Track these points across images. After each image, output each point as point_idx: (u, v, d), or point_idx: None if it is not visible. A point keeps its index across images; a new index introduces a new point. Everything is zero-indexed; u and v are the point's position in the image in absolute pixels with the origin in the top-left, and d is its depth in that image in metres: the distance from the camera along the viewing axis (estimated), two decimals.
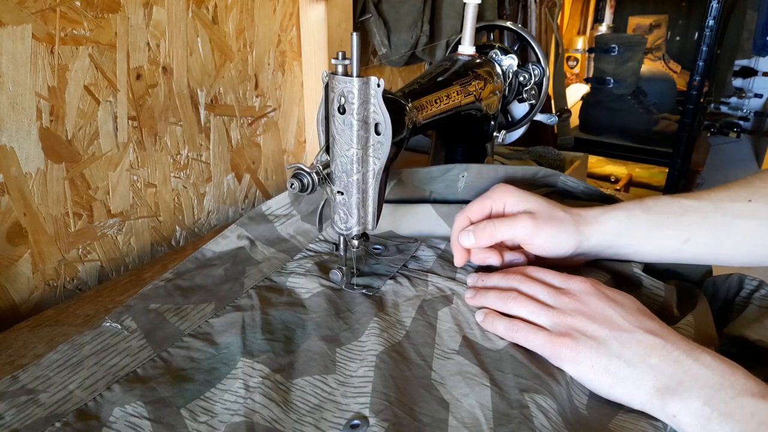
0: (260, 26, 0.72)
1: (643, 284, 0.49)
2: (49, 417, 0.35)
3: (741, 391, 0.33)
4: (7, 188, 0.49)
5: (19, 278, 0.52)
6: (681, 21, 2.30)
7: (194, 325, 0.44)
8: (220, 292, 0.48)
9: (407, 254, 0.54)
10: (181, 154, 0.65)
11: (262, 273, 0.51)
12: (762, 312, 0.45)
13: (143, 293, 0.47)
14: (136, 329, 0.43)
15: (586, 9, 2.32)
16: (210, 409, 0.36)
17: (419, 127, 0.51)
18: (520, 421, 0.35)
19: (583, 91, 2.00)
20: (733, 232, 0.46)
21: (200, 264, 0.53)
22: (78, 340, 0.41)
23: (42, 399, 0.36)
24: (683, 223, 0.46)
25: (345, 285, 0.49)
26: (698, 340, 0.42)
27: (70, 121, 0.52)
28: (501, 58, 0.66)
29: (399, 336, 0.43)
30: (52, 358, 0.40)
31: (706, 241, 0.46)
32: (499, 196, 0.49)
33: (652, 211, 0.47)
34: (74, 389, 0.37)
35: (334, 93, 0.41)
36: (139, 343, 0.42)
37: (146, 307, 0.45)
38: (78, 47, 0.51)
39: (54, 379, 0.38)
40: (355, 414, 0.36)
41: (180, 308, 0.46)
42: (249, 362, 0.39)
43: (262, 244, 0.56)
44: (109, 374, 0.38)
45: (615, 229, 0.47)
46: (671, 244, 0.47)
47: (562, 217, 0.47)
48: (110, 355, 0.40)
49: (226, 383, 0.38)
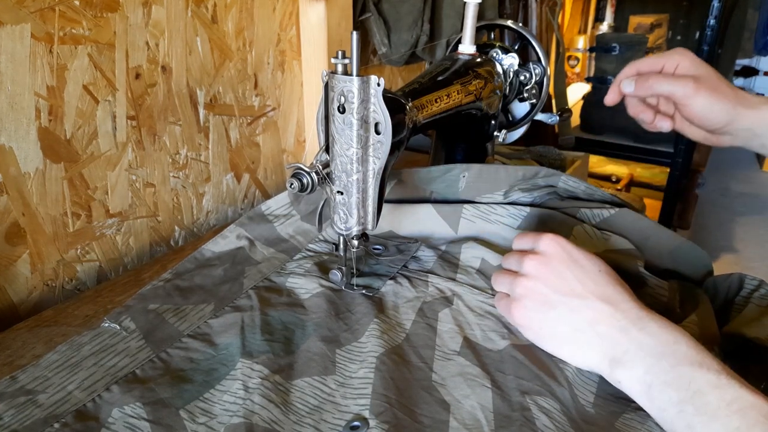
0: (260, 25, 0.71)
1: (648, 283, 0.49)
2: (48, 418, 0.35)
3: (681, 360, 0.34)
4: (6, 188, 0.49)
5: (17, 278, 0.51)
6: (682, 20, 2.30)
7: (193, 326, 0.44)
8: (219, 292, 0.48)
9: (407, 254, 0.54)
10: (180, 153, 0.65)
11: (262, 273, 0.51)
12: (761, 311, 0.45)
13: (142, 293, 0.47)
14: (135, 330, 0.43)
15: (587, 8, 2.32)
16: (209, 411, 0.36)
17: (419, 127, 0.51)
18: (521, 423, 0.35)
19: (584, 91, 2.00)
20: None
21: (199, 264, 0.52)
22: (77, 340, 0.41)
23: (41, 400, 0.36)
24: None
25: (345, 285, 0.49)
26: (702, 338, 0.42)
27: (68, 120, 0.52)
28: (501, 58, 0.66)
29: (399, 338, 0.43)
30: (51, 358, 0.40)
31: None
32: (676, 57, 0.50)
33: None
34: (73, 390, 0.37)
35: (334, 92, 0.41)
36: (138, 344, 0.41)
37: (145, 307, 0.45)
38: (77, 47, 0.51)
39: (53, 380, 0.37)
40: (354, 415, 0.36)
41: (179, 308, 0.46)
42: (248, 363, 0.39)
43: (261, 244, 0.56)
44: (108, 375, 0.38)
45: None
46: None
47: (724, 91, 0.47)
48: (109, 356, 0.40)
49: (225, 384, 0.38)
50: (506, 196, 0.58)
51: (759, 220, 2.13)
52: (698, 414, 0.32)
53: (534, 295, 0.41)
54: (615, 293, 0.39)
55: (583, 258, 0.41)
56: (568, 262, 0.40)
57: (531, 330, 0.41)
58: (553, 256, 0.41)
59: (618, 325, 0.37)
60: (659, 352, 0.35)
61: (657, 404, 0.34)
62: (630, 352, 0.36)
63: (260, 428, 0.34)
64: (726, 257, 1.84)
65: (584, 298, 0.39)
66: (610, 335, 0.37)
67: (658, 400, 0.34)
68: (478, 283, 0.50)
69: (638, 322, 0.37)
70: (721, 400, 0.31)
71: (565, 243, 0.42)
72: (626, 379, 0.36)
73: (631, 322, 0.37)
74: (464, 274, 0.51)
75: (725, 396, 0.31)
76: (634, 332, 0.36)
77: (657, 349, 0.35)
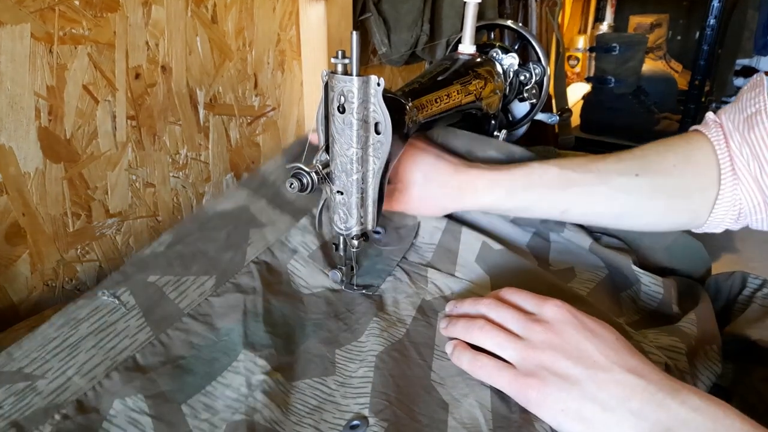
0: (260, 25, 0.71)
1: (641, 281, 0.49)
2: (49, 408, 0.34)
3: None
4: (6, 188, 0.49)
5: (17, 278, 0.51)
6: (682, 20, 2.30)
7: (194, 303, 0.43)
8: (221, 262, 0.47)
9: (407, 241, 0.53)
10: (180, 153, 0.65)
11: (265, 240, 0.50)
12: (764, 311, 0.45)
13: (142, 259, 0.45)
14: (135, 306, 0.42)
15: (587, 8, 2.31)
16: (211, 406, 0.36)
17: (419, 127, 0.51)
18: (520, 424, 0.35)
19: (584, 91, 2.00)
20: (613, 204, 0.49)
21: (201, 224, 0.50)
22: (73, 313, 0.40)
23: (40, 386, 0.35)
24: (562, 196, 0.49)
25: (345, 285, 0.49)
26: (700, 338, 0.42)
27: (68, 120, 0.52)
28: (501, 57, 0.66)
29: (399, 334, 0.43)
30: (48, 333, 0.39)
31: (583, 212, 0.50)
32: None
33: (534, 185, 0.50)
34: (72, 375, 0.36)
35: (334, 92, 0.41)
36: (138, 323, 0.41)
37: (145, 279, 0.44)
38: (77, 46, 0.51)
39: (51, 363, 0.37)
40: (354, 414, 0.36)
41: (179, 281, 0.44)
42: (251, 356, 0.39)
43: (266, 204, 0.53)
44: (108, 359, 0.38)
45: (493, 202, 0.51)
46: (551, 214, 0.51)
47: (444, 193, 0.52)
48: (108, 337, 0.39)
49: (227, 377, 0.38)
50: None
51: None
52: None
53: (553, 369, 0.35)
54: (640, 363, 0.34)
55: (595, 326, 0.37)
56: (582, 330, 0.36)
57: (549, 411, 0.34)
58: (564, 324, 0.36)
59: (654, 400, 0.32)
60: (709, 429, 0.30)
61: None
62: (673, 431, 0.31)
63: (261, 427, 0.34)
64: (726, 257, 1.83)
65: (610, 371, 0.33)
66: (645, 413, 0.32)
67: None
68: (478, 275, 0.49)
69: (676, 395, 0.32)
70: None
71: (574, 309, 0.38)
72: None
73: (669, 395, 0.32)
74: (464, 265, 0.50)
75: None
76: (674, 407, 0.31)
77: (706, 426, 0.30)
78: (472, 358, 0.38)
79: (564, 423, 0.34)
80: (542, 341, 0.36)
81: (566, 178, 0.49)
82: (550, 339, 0.36)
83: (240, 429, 0.34)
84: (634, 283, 0.49)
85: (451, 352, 0.40)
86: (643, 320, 0.47)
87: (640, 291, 0.48)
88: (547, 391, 0.34)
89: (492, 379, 0.37)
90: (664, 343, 0.41)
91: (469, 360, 0.38)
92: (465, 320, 0.40)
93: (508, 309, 0.39)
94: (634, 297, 0.49)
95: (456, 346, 0.40)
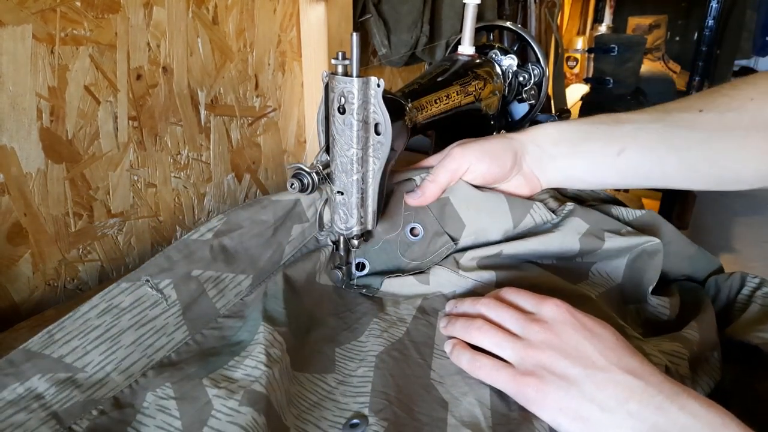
0: (260, 26, 0.72)
1: (650, 303, 0.48)
2: (87, 403, 0.35)
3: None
4: (8, 188, 0.49)
5: (19, 278, 0.52)
6: (680, 21, 2.30)
7: (229, 304, 0.44)
8: (259, 262, 0.47)
9: (439, 256, 0.51)
10: (182, 154, 0.65)
11: (303, 237, 0.50)
12: (765, 312, 0.45)
13: (188, 244, 0.45)
14: (176, 302, 0.42)
15: (586, 9, 2.32)
16: (230, 377, 0.36)
17: (419, 128, 0.51)
18: (518, 423, 0.35)
19: (583, 91, 2.00)
20: (674, 143, 0.43)
21: (253, 214, 0.49)
22: (116, 299, 0.40)
23: (80, 379, 0.36)
24: (616, 133, 0.45)
25: (345, 285, 0.49)
26: (701, 344, 0.42)
27: (70, 121, 0.52)
28: (501, 59, 0.66)
29: (399, 333, 0.43)
30: (89, 319, 0.38)
31: (641, 153, 0.44)
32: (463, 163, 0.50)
33: (582, 122, 0.47)
34: (111, 371, 0.37)
35: (334, 93, 0.41)
36: (176, 320, 0.41)
37: (189, 273, 0.43)
38: (78, 47, 0.51)
39: (92, 356, 0.37)
40: (354, 413, 0.36)
41: (219, 278, 0.45)
42: (270, 329, 0.39)
43: (313, 198, 0.51)
44: (145, 356, 0.39)
45: (546, 140, 0.48)
46: (604, 155, 0.46)
47: (495, 146, 0.49)
48: (148, 333, 0.40)
49: (248, 349, 0.39)
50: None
51: (758, 220, 2.13)
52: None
53: (552, 369, 0.35)
54: (639, 365, 0.34)
55: (595, 326, 0.36)
56: (581, 330, 0.36)
57: (548, 410, 0.34)
58: (562, 324, 0.36)
59: (653, 402, 0.32)
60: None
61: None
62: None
63: (273, 411, 0.34)
64: (725, 257, 1.84)
65: (609, 371, 0.33)
66: (644, 415, 0.31)
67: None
68: (483, 274, 0.49)
69: (676, 399, 0.31)
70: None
71: (573, 309, 0.37)
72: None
73: (668, 399, 0.31)
74: (466, 262, 0.50)
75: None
76: (673, 411, 0.31)
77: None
78: (471, 358, 0.38)
79: (563, 422, 0.34)
80: (541, 341, 0.36)
81: (617, 118, 0.46)
82: (549, 339, 0.36)
83: (260, 404, 0.34)
84: (643, 301, 0.49)
85: (450, 351, 0.40)
86: (645, 334, 0.47)
87: (647, 309, 0.48)
88: (545, 390, 0.34)
89: (491, 379, 0.37)
90: (667, 348, 0.40)
91: (468, 359, 0.38)
92: (464, 320, 0.41)
93: (506, 309, 0.39)
94: (640, 310, 0.49)
95: (455, 345, 0.40)
